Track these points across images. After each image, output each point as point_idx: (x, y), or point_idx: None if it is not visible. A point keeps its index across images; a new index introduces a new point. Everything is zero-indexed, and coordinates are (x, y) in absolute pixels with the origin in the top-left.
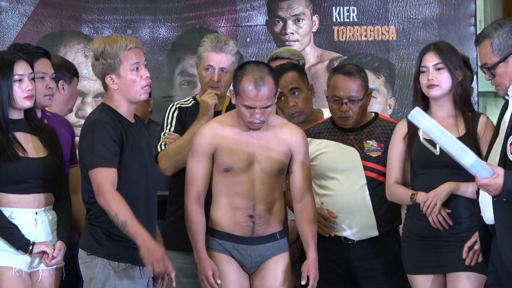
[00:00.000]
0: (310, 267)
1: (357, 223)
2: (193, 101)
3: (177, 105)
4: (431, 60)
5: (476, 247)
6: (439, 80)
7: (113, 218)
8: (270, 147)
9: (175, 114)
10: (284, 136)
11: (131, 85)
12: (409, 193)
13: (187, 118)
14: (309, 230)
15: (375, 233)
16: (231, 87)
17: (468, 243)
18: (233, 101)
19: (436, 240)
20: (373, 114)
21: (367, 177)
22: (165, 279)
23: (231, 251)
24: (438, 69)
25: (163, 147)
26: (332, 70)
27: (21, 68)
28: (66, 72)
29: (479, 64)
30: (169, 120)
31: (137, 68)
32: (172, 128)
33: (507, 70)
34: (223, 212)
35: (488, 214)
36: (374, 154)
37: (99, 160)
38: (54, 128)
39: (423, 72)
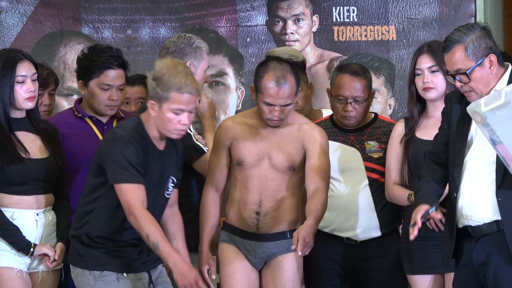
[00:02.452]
0: (301, 230)
1: (360, 223)
2: None
3: None
4: (425, 62)
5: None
6: (434, 83)
7: (144, 239)
8: (283, 144)
9: None
10: (298, 134)
11: (166, 123)
12: (407, 193)
13: None
14: (314, 211)
15: (377, 233)
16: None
17: (418, 216)
18: (253, 97)
19: (435, 240)
20: (373, 114)
21: (369, 178)
22: None
23: (239, 245)
24: (433, 71)
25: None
26: (337, 69)
27: (24, 69)
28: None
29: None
30: None
31: (179, 113)
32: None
33: (483, 74)
34: (234, 206)
35: (482, 215)
36: (375, 155)
37: (127, 176)
38: (56, 128)
39: (418, 74)
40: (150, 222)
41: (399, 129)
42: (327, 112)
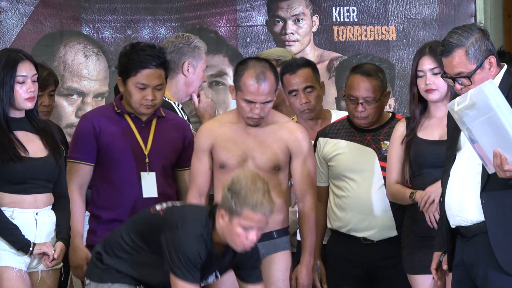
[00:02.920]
0: (300, 273)
1: (376, 223)
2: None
3: (180, 106)
4: (427, 64)
5: (445, 266)
6: (436, 84)
7: None
8: (266, 144)
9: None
10: (282, 134)
11: (233, 236)
12: (408, 192)
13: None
14: (307, 238)
15: (394, 233)
16: (231, 83)
17: (434, 265)
18: (233, 97)
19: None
20: (390, 114)
21: (384, 178)
22: None
23: None
24: (435, 73)
25: None
26: (351, 69)
27: (25, 69)
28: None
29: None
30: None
31: (248, 230)
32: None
33: (483, 76)
34: None
35: (469, 216)
36: None
37: (186, 275)
38: (55, 126)
39: (421, 76)
40: None
41: (400, 129)
42: (335, 113)
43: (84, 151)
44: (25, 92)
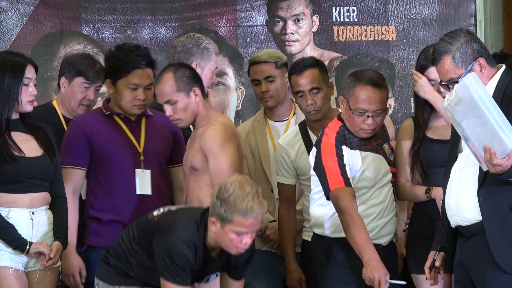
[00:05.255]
0: None
1: (388, 228)
2: None
3: None
4: (435, 74)
5: (438, 263)
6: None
7: None
8: (191, 146)
9: None
10: (199, 134)
11: (227, 242)
12: (424, 189)
13: None
14: None
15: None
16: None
17: (428, 264)
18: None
19: None
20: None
21: (392, 182)
22: None
23: None
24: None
25: None
26: (355, 79)
27: (29, 72)
28: (67, 69)
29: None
30: None
31: (241, 235)
32: None
33: None
34: None
35: (468, 215)
36: (392, 158)
37: (175, 277)
38: (48, 127)
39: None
40: None
41: (408, 127)
42: None
43: (76, 156)
44: (28, 94)
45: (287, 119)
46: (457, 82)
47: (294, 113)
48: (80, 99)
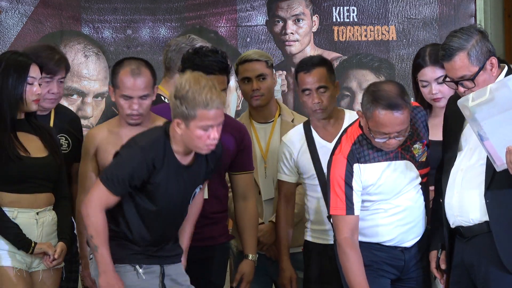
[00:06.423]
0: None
1: (413, 232)
2: None
3: None
4: (430, 73)
5: (443, 266)
6: (442, 92)
7: (87, 237)
8: None
9: None
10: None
11: (195, 140)
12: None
13: None
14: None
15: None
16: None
17: (433, 264)
18: (112, 99)
19: None
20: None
21: (421, 183)
22: None
23: None
24: (440, 83)
25: None
26: (373, 99)
27: (34, 72)
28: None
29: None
30: None
31: (207, 129)
32: None
33: (485, 77)
34: None
35: (472, 216)
36: (423, 158)
37: (110, 184)
38: (52, 128)
39: (425, 86)
40: (100, 226)
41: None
42: (349, 113)
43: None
44: (33, 94)
45: (273, 120)
46: (468, 80)
47: (280, 114)
48: (44, 94)
